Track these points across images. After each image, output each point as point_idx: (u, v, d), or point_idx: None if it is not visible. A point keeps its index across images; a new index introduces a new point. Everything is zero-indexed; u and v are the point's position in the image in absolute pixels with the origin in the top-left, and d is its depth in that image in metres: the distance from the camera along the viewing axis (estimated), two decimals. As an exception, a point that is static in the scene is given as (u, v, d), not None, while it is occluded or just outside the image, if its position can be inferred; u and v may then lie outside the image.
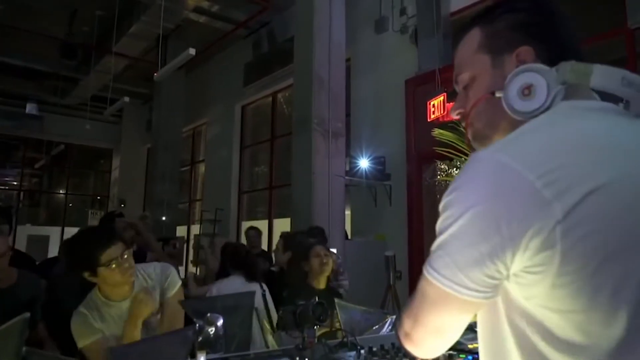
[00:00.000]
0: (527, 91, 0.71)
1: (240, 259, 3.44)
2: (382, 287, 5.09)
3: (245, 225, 10.10)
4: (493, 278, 0.64)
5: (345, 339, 1.20)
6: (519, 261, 0.62)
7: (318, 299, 2.14)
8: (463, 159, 2.05)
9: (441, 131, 2.06)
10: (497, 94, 0.75)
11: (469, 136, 0.84)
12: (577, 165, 0.61)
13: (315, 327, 1.33)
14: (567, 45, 0.78)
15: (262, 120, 10.10)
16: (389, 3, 6.71)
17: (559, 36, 0.78)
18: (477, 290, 0.65)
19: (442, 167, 6.30)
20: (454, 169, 6.04)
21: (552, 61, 0.73)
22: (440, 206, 0.70)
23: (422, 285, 0.70)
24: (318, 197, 5.59)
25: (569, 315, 0.60)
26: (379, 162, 6.34)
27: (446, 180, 6.17)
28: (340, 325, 1.45)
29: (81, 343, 1.66)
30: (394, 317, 1.53)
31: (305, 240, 3.23)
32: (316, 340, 1.32)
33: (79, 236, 1.95)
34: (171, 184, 9.87)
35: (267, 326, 1.27)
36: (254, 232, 5.25)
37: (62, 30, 9.62)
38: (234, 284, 3.17)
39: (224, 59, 10.38)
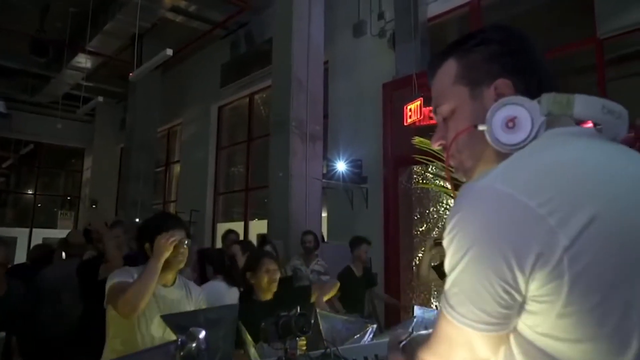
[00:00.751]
0: (511, 124, 0.71)
1: (222, 263, 3.40)
2: (358, 290, 5.11)
3: (221, 227, 10.04)
4: (509, 308, 0.63)
5: (327, 350, 1.19)
6: (529, 290, 0.61)
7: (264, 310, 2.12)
8: (442, 166, 2.07)
9: (421, 139, 2.07)
10: (480, 127, 0.75)
11: (453, 167, 0.84)
12: (574, 192, 0.62)
13: (297, 338, 1.32)
14: (542, 74, 0.79)
15: (239, 121, 10.04)
16: (368, 7, 6.76)
17: (533, 66, 0.79)
18: (493, 324, 0.64)
19: (418, 171, 6.38)
20: (431, 175, 6.12)
21: (529, 91, 0.74)
22: (445, 242, 0.68)
23: (441, 323, 0.70)
24: (295, 199, 5.58)
25: (576, 344, 0.60)
26: (356, 165, 6.37)
27: (422, 185, 6.24)
28: (322, 335, 1.44)
29: (114, 280, 1.87)
30: (375, 326, 1.53)
31: (257, 251, 3.15)
32: (298, 352, 1.32)
33: (157, 214, 2.38)
34: (145, 184, 9.71)
35: (249, 338, 1.26)
36: (234, 236, 5.19)
37: (34, 26, 9.36)
38: (218, 288, 3.12)
39: (200, 59, 10.29)
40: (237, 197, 9.83)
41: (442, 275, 3.11)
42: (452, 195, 2.31)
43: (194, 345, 1.12)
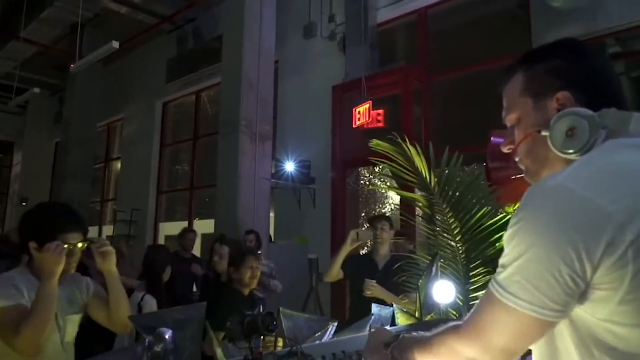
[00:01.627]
0: (570, 132, 0.79)
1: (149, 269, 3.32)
2: (304, 290, 5.16)
3: (164, 226, 9.78)
4: (572, 296, 0.69)
5: (293, 348, 1.22)
6: (594, 278, 0.68)
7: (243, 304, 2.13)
8: (398, 168, 2.15)
9: (378, 142, 2.14)
10: (543, 133, 0.84)
11: (523, 170, 0.94)
12: (638, 192, 0.69)
13: (261, 337, 1.33)
14: (604, 87, 0.86)
15: (184, 118, 9.82)
16: (318, 9, 6.82)
17: (594, 80, 0.86)
18: (556, 310, 0.70)
19: (365, 172, 6.52)
20: (377, 177, 6.27)
21: (589, 104, 0.82)
22: (508, 234, 0.74)
23: (494, 311, 0.74)
24: (243, 199, 5.55)
25: (634, 329, 0.67)
26: (304, 165, 6.41)
27: (375, 187, 6.39)
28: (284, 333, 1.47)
29: None
30: (336, 323, 1.57)
31: (240, 248, 3.21)
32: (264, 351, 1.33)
33: (48, 205, 1.89)
34: (83, 181, 9.27)
35: (216, 338, 1.26)
36: (193, 235, 5.06)
37: (-40, 10, 8.73)
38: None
39: (145, 53, 9.96)
40: (181, 196, 9.61)
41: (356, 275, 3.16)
42: (403, 194, 2.41)
43: (161, 346, 1.12)
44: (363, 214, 6.46)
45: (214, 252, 3.81)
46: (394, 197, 6.36)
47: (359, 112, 5.83)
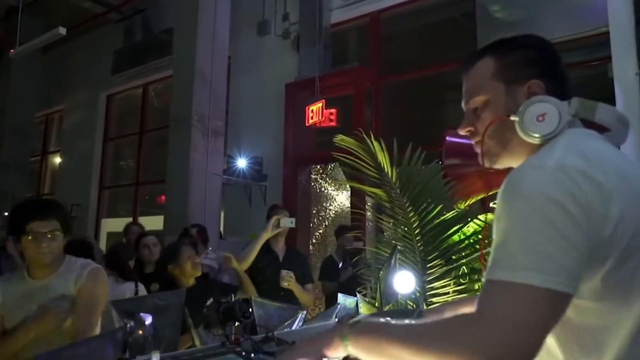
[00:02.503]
0: (541, 118, 0.83)
1: (112, 257, 3.25)
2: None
3: (106, 222, 9.43)
4: (582, 269, 0.70)
5: (269, 334, 1.25)
6: (592, 251, 0.70)
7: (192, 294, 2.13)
8: (360, 164, 2.23)
9: (343, 137, 2.20)
10: (512, 117, 0.87)
11: (480, 152, 0.96)
12: (621, 175, 0.74)
13: (236, 324, 1.36)
14: (565, 82, 0.93)
15: (130, 112, 9.51)
16: (272, 7, 6.83)
17: (560, 73, 0.93)
18: (573, 285, 0.68)
19: (317, 169, 6.60)
20: (329, 176, 6.37)
21: (556, 94, 0.87)
22: (507, 211, 0.73)
23: (512, 291, 0.68)
24: (194, 195, 5.48)
25: (603, 302, 0.74)
26: (256, 162, 6.41)
27: (321, 184, 6.47)
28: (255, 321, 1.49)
29: None
30: (305, 312, 1.62)
31: (173, 243, 3.15)
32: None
33: (22, 202, 2.01)
34: (18, 174, 8.77)
35: (192, 324, 1.28)
36: (138, 230, 4.88)
37: None
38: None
39: (90, 43, 9.53)
40: (126, 192, 9.30)
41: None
42: (364, 189, 2.50)
43: (142, 331, 1.12)
44: (314, 212, 6.53)
45: (142, 244, 3.65)
46: (344, 195, 6.48)
47: (312, 111, 5.89)
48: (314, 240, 6.43)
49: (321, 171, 6.66)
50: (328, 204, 6.60)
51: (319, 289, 4.70)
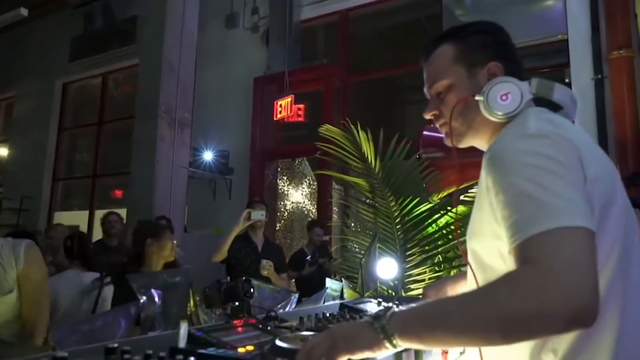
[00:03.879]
0: (505, 97, 0.90)
1: (73, 248, 3.14)
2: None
3: (60, 216, 9.06)
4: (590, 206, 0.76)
5: (271, 313, 1.28)
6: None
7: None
8: (344, 154, 2.28)
9: (328, 127, 2.24)
10: (477, 97, 0.93)
11: (444, 132, 1.03)
12: (584, 141, 0.84)
13: (236, 303, 1.38)
14: (519, 63, 1.00)
15: (88, 101, 9.18)
16: (242, 0, 6.79)
17: (515, 56, 1.01)
18: (592, 218, 0.74)
19: (285, 164, 6.61)
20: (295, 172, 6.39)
21: (512, 75, 0.94)
22: (504, 181, 0.77)
23: (545, 240, 0.70)
24: (160, 187, 5.38)
25: None
26: (222, 155, 6.36)
27: (289, 180, 6.49)
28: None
29: None
30: (297, 295, 1.66)
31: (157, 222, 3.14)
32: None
33: None
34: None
35: (194, 301, 1.29)
36: (116, 218, 4.71)
37: None
38: (67, 277, 2.90)
39: (46, 27, 9.11)
40: (82, 185, 8.98)
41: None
42: (347, 179, 2.55)
43: (153, 307, 1.13)
44: (280, 206, 6.55)
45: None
46: (312, 190, 6.53)
47: (280, 106, 5.91)
48: (279, 234, 6.45)
49: (288, 166, 6.69)
50: (294, 199, 6.63)
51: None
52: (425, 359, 0.98)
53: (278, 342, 0.88)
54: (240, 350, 0.91)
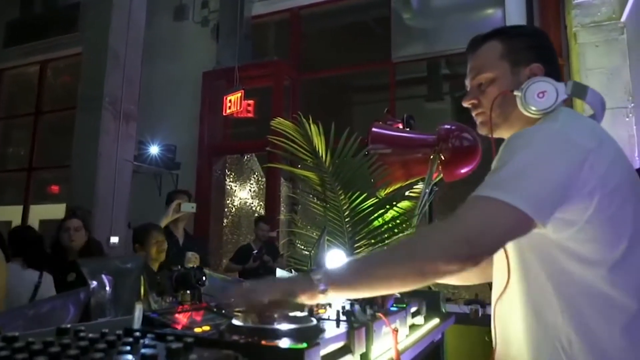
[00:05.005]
0: (541, 94, 0.99)
1: (20, 243, 3.02)
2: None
3: (-10, 210, 8.55)
4: (554, 208, 0.86)
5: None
6: (570, 204, 0.87)
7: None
8: (295, 148, 2.32)
9: (280, 120, 2.27)
10: (516, 92, 1.02)
11: (479, 121, 1.12)
12: (602, 143, 0.92)
13: (188, 291, 1.39)
14: (557, 66, 1.10)
15: (23, 90, 8.70)
16: (191, -7, 6.69)
17: (554, 59, 1.10)
18: (543, 215, 0.85)
19: (233, 159, 6.57)
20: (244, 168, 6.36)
21: (551, 76, 1.02)
22: (510, 156, 0.89)
23: (492, 208, 0.85)
24: (102, 181, 5.21)
25: (591, 244, 0.89)
26: (169, 150, 6.24)
27: (236, 177, 6.45)
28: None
29: None
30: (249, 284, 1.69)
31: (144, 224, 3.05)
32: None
33: None
34: None
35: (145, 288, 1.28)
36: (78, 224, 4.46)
37: None
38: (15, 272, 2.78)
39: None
40: (15, 178, 8.50)
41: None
42: (298, 172, 2.60)
43: (104, 293, 1.13)
44: (228, 202, 6.50)
45: (63, 228, 3.36)
46: (260, 187, 6.53)
47: (230, 101, 5.87)
48: (227, 231, 6.41)
49: (237, 162, 6.65)
50: (241, 195, 6.61)
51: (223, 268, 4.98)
52: (375, 338, 1.04)
53: (234, 322, 0.91)
54: (197, 330, 0.94)
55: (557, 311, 0.91)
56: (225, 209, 6.44)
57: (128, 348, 0.64)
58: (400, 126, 2.98)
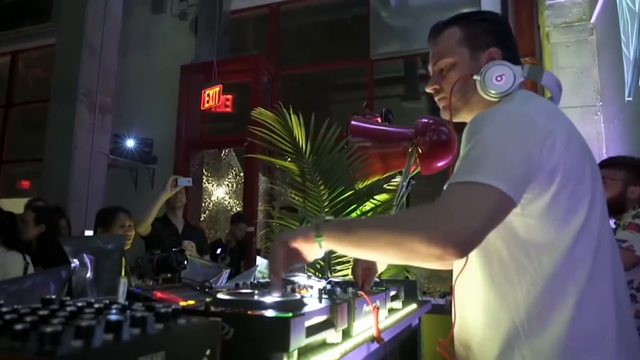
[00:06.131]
0: (499, 78, 1.02)
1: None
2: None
3: (-42, 204, 8.29)
4: (524, 187, 0.88)
5: (205, 284, 1.31)
6: (535, 182, 0.89)
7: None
8: (276, 138, 2.34)
9: (261, 110, 2.28)
10: (475, 77, 1.05)
11: (441, 106, 1.14)
12: (559, 123, 0.95)
13: (169, 275, 1.40)
14: (515, 50, 1.12)
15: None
16: (169, -15, 6.62)
17: (513, 43, 1.13)
18: (518, 188, 0.86)
19: (210, 154, 6.53)
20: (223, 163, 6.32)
21: (509, 60, 1.05)
22: (474, 139, 0.90)
23: (466, 192, 0.85)
24: (77, 174, 5.13)
25: (548, 221, 0.91)
26: (146, 143, 6.16)
27: (212, 173, 6.41)
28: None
29: None
30: (229, 270, 1.70)
31: (110, 206, 3.01)
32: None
33: None
34: None
35: (125, 269, 1.29)
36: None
37: None
38: None
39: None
40: (-16, 171, 8.26)
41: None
42: (277, 163, 2.62)
43: (85, 272, 1.13)
44: (205, 197, 6.46)
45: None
46: (238, 181, 6.51)
47: (208, 95, 5.83)
48: (204, 225, 6.37)
49: (215, 156, 6.62)
50: (219, 190, 6.58)
51: None
52: (356, 316, 1.07)
53: (220, 295, 0.92)
54: (182, 304, 0.95)
55: (517, 288, 0.92)
56: (203, 204, 6.40)
57: (117, 311, 0.65)
58: (379, 120, 3.02)
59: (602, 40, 3.91)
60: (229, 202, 6.52)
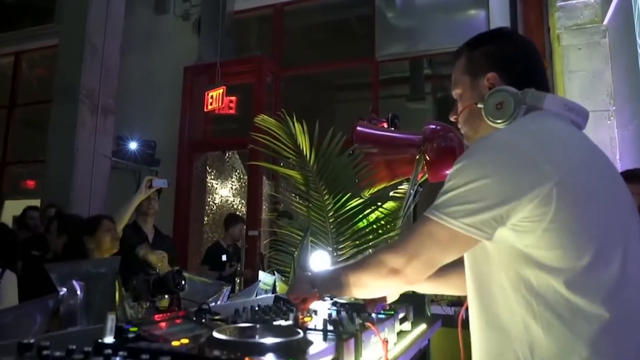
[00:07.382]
0: (499, 106, 0.99)
1: None
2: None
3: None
4: (497, 222, 0.87)
5: (203, 306, 1.24)
6: (521, 213, 0.85)
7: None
8: (279, 146, 2.26)
9: (264, 117, 2.21)
10: (478, 105, 1.03)
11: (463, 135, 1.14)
12: (560, 149, 0.90)
13: (166, 296, 1.33)
14: (525, 71, 1.04)
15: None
16: (172, -14, 6.56)
17: (517, 64, 1.04)
18: (485, 232, 0.87)
19: (214, 157, 6.47)
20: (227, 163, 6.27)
21: (512, 83, 1.01)
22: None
23: (428, 228, 0.91)
24: (79, 176, 5.08)
25: (555, 250, 0.85)
26: (148, 146, 6.09)
27: (217, 172, 6.35)
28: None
29: None
30: (229, 287, 1.63)
31: (94, 215, 2.97)
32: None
33: None
34: None
35: (120, 294, 1.21)
36: (36, 214, 4.35)
37: None
38: None
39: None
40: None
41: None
42: (281, 171, 2.55)
43: (74, 299, 1.06)
44: (209, 200, 6.40)
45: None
46: (242, 184, 6.44)
47: (211, 97, 5.76)
48: (207, 228, 6.31)
49: (218, 159, 6.56)
50: (223, 193, 6.52)
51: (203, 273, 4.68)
52: (364, 349, 1.00)
53: (216, 334, 0.85)
54: (175, 343, 0.88)
55: (519, 320, 0.89)
56: (206, 207, 6.34)
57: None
58: (385, 125, 2.94)
59: (615, 42, 3.81)
60: (232, 205, 6.45)
